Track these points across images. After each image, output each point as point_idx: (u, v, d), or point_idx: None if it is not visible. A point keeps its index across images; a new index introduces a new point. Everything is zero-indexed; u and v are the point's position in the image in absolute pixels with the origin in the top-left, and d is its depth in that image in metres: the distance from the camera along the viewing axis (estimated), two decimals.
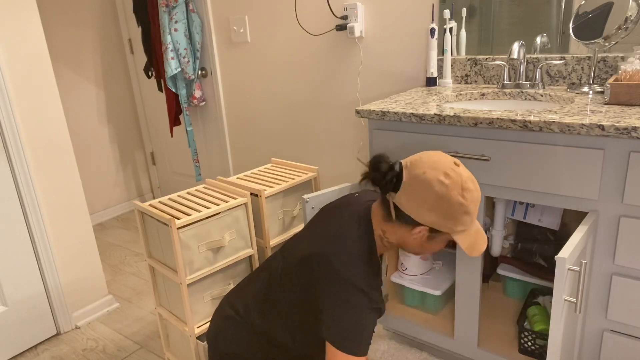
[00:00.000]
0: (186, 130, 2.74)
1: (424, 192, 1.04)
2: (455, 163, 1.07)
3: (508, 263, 1.76)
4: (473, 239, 1.10)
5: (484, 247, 1.11)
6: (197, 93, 2.73)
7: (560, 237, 1.67)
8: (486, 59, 1.78)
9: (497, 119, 1.28)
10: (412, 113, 1.44)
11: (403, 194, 1.07)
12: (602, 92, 1.49)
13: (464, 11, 1.80)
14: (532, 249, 1.71)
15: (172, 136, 2.86)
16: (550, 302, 1.42)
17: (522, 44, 1.63)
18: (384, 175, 1.08)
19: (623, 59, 1.51)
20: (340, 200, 1.29)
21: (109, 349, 1.93)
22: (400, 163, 1.10)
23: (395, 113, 1.48)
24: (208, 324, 1.57)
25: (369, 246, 1.14)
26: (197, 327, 1.54)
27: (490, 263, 1.88)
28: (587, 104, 1.35)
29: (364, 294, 1.08)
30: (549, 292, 1.71)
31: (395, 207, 1.09)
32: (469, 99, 1.69)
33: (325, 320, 1.09)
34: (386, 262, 1.80)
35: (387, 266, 1.79)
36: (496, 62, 1.70)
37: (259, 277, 1.30)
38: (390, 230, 1.14)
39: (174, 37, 2.54)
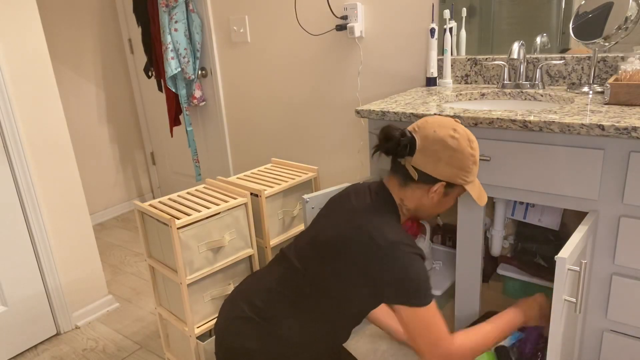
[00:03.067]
0: (186, 130, 2.74)
1: (440, 148, 1.12)
2: (455, 120, 1.17)
3: (508, 263, 1.76)
4: (479, 189, 1.20)
5: (486, 197, 1.22)
6: (197, 93, 2.73)
7: (560, 237, 1.67)
8: (486, 59, 1.78)
9: (497, 119, 1.28)
10: (412, 113, 1.44)
11: (420, 154, 1.14)
12: (602, 92, 1.49)
13: (464, 11, 1.80)
14: (532, 249, 1.71)
15: (172, 136, 2.86)
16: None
17: (522, 44, 1.63)
18: (398, 142, 1.14)
19: (623, 59, 1.51)
20: (345, 190, 1.31)
21: (109, 349, 1.93)
22: (406, 129, 1.17)
23: (395, 113, 1.48)
24: (208, 323, 1.57)
25: (393, 210, 1.20)
26: (197, 327, 1.54)
27: (490, 263, 1.88)
28: (587, 104, 1.35)
29: (409, 248, 1.12)
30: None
31: (415, 168, 1.16)
32: (469, 99, 1.69)
33: (387, 287, 1.12)
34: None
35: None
36: (496, 62, 1.70)
37: (271, 274, 1.27)
38: (408, 195, 1.20)
39: (174, 37, 2.54)
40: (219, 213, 1.52)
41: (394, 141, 1.14)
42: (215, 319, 1.37)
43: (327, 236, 1.19)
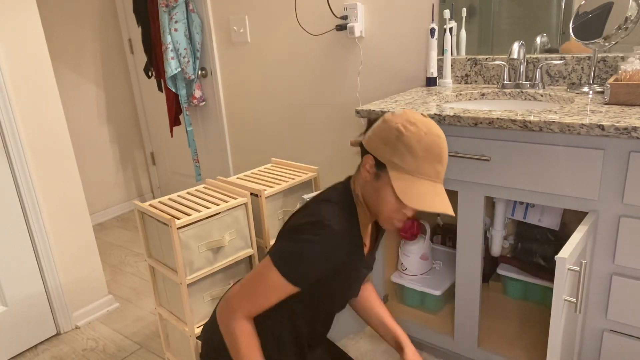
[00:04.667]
0: (186, 130, 2.74)
1: (377, 122, 1.08)
2: (422, 114, 1.07)
3: (508, 263, 1.76)
4: (410, 185, 1.01)
5: (432, 204, 1.01)
6: (197, 93, 2.73)
7: (560, 237, 1.67)
8: (486, 59, 1.78)
9: (497, 119, 1.28)
10: None
11: (369, 131, 1.10)
12: (602, 92, 1.49)
13: (464, 11, 1.80)
14: (532, 249, 1.71)
15: (172, 136, 2.86)
16: None
17: (522, 44, 1.63)
18: (369, 121, 1.12)
19: (623, 59, 1.51)
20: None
21: (109, 349, 1.93)
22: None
23: None
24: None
25: (347, 201, 1.12)
26: (197, 327, 1.54)
27: (490, 263, 1.88)
28: (587, 104, 1.35)
29: (326, 231, 1.03)
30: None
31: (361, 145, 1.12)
32: (469, 99, 1.69)
33: (276, 242, 1.09)
34: (400, 262, 1.79)
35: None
36: (496, 62, 1.70)
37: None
38: (356, 179, 1.13)
39: (174, 37, 2.54)
40: (219, 213, 1.52)
41: (369, 123, 1.13)
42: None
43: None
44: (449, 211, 1.02)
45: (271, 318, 1.18)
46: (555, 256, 1.05)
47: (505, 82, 1.68)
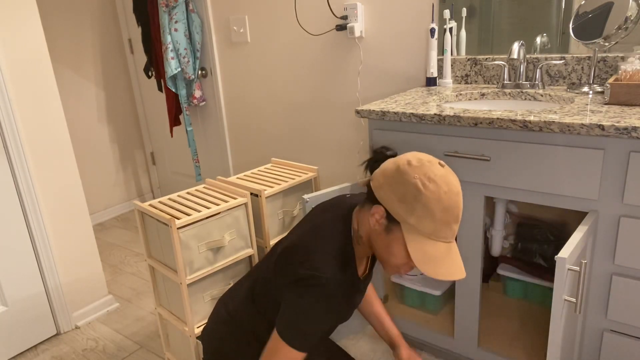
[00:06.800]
0: (186, 130, 2.74)
1: (390, 169, 0.99)
2: (440, 163, 0.99)
3: (508, 263, 1.76)
4: (426, 248, 0.95)
5: (448, 272, 0.95)
6: (197, 93, 2.73)
7: (560, 237, 1.68)
8: (486, 59, 1.78)
9: (497, 119, 1.28)
10: (412, 113, 1.44)
11: (378, 172, 1.02)
12: (602, 92, 1.49)
13: (464, 11, 1.80)
14: (532, 249, 1.72)
15: (172, 136, 2.86)
16: None
17: (522, 44, 1.63)
18: (374, 157, 1.08)
19: (623, 59, 1.51)
20: (330, 200, 1.27)
21: (109, 349, 1.93)
22: (393, 151, 1.10)
23: (395, 113, 1.48)
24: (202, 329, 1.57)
25: (343, 243, 1.07)
26: (197, 327, 1.54)
27: (490, 263, 1.88)
28: (587, 104, 1.35)
29: (323, 289, 1.00)
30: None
31: (369, 187, 1.05)
32: (469, 99, 1.69)
33: (281, 310, 1.07)
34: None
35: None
36: (496, 62, 1.70)
37: (249, 277, 1.30)
38: (361, 218, 1.07)
39: (174, 37, 2.54)
40: (219, 213, 1.52)
41: (373, 156, 1.09)
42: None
43: (280, 249, 1.15)
44: (463, 276, 0.98)
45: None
46: (555, 256, 1.05)
47: (505, 82, 1.68)
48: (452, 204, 0.95)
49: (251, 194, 1.68)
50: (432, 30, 1.82)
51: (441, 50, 1.88)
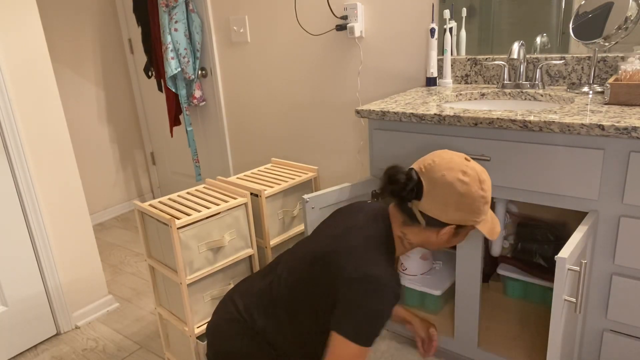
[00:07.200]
0: (186, 130, 2.74)
1: (448, 194, 1.07)
2: (465, 159, 1.10)
3: (508, 263, 1.76)
4: (491, 223, 1.15)
5: (499, 228, 1.17)
6: (197, 93, 2.73)
7: (560, 237, 1.68)
8: (486, 59, 1.78)
9: (497, 119, 1.28)
10: (412, 113, 1.44)
11: (427, 200, 1.09)
12: (602, 92, 1.49)
13: (464, 11, 1.80)
14: (532, 249, 1.71)
15: (172, 136, 2.86)
16: None
17: (522, 44, 1.63)
18: (404, 186, 1.09)
19: (623, 59, 1.51)
20: (351, 205, 1.29)
21: (109, 349, 1.93)
22: (414, 170, 1.11)
23: (395, 113, 1.48)
24: (208, 323, 1.57)
25: (387, 243, 1.16)
26: (197, 327, 1.54)
27: (490, 263, 1.88)
28: (587, 104, 1.35)
29: (382, 285, 1.06)
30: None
31: (421, 212, 1.11)
32: (469, 99, 1.69)
33: (339, 311, 1.08)
34: (400, 262, 1.81)
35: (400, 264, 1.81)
36: (496, 62, 1.70)
37: (263, 278, 1.29)
38: (413, 233, 1.16)
39: (174, 37, 2.54)
40: (219, 213, 1.52)
41: (399, 185, 1.10)
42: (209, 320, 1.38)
43: (317, 250, 1.16)
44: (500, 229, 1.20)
45: (297, 339, 1.21)
46: (555, 256, 1.05)
47: (505, 82, 1.68)
48: (490, 182, 1.14)
49: (251, 194, 1.68)
50: (432, 30, 1.82)
51: (441, 50, 1.88)
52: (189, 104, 2.76)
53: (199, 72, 2.72)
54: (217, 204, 1.54)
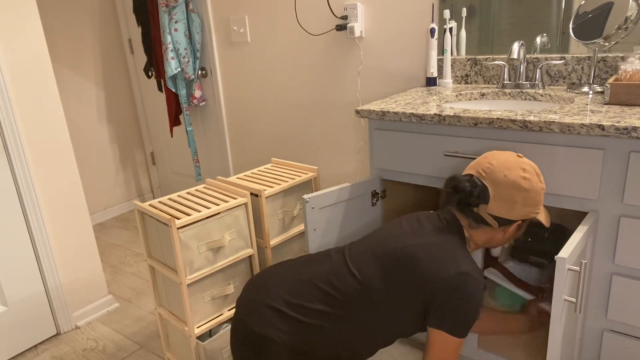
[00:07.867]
0: (186, 130, 2.74)
1: (515, 193, 1.14)
2: (518, 156, 1.18)
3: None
4: (545, 212, 1.23)
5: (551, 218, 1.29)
6: (197, 93, 2.73)
7: (559, 237, 1.67)
8: (486, 59, 1.78)
9: (497, 119, 1.28)
10: (412, 113, 1.44)
11: (494, 202, 1.15)
12: (602, 92, 1.49)
13: (464, 11, 1.80)
14: (531, 249, 1.71)
15: (172, 136, 2.86)
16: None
17: (522, 44, 1.63)
18: (470, 193, 1.15)
19: (623, 59, 1.51)
20: (412, 214, 1.32)
21: (109, 349, 1.93)
22: (474, 176, 1.17)
23: (395, 113, 1.48)
24: (208, 323, 1.57)
25: (462, 243, 1.22)
26: (197, 327, 1.54)
27: (490, 263, 1.88)
28: (587, 104, 1.35)
29: (475, 280, 1.12)
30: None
31: (490, 215, 1.17)
32: (469, 99, 1.69)
33: (437, 310, 1.13)
34: None
35: None
36: (496, 62, 1.70)
37: (310, 268, 1.23)
38: (479, 235, 1.23)
39: (174, 37, 2.54)
40: (219, 213, 1.52)
41: (465, 193, 1.15)
42: (240, 295, 1.29)
43: (393, 249, 1.19)
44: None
45: (352, 337, 1.19)
46: (555, 256, 1.05)
47: (505, 82, 1.68)
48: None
49: (251, 194, 1.68)
50: (432, 30, 1.82)
51: (441, 50, 1.88)
52: (189, 104, 2.76)
53: (199, 72, 2.72)
54: (217, 204, 1.54)
